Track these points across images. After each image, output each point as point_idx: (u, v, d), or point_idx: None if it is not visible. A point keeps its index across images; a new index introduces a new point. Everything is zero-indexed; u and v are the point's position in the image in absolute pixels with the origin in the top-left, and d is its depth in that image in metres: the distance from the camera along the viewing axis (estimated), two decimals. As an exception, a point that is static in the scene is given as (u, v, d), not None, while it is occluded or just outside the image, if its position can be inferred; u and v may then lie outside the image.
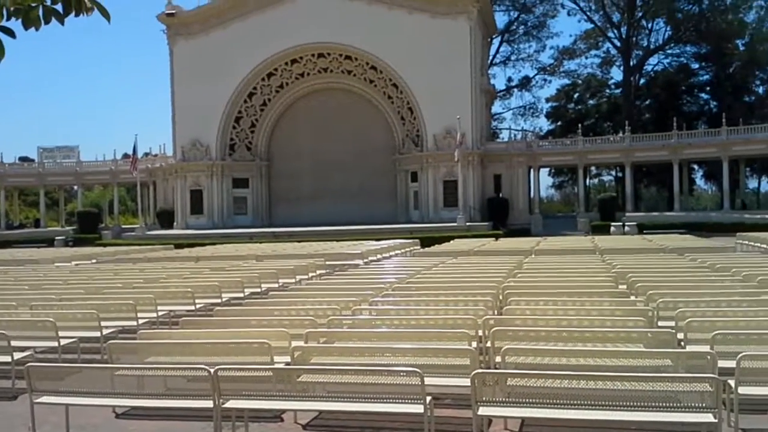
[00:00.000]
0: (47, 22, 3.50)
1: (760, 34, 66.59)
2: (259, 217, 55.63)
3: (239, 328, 8.40)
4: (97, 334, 9.72)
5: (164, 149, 58.58)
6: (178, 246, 34.15)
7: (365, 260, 20.93)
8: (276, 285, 14.77)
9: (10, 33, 3.42)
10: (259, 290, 13.94)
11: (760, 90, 71.90)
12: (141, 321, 10.59)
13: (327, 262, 19.71)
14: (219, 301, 12.38)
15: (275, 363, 6.88)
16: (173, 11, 53.99)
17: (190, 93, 53.19)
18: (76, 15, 3.51)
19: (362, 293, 10.93)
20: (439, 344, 7.19)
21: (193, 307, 11.85)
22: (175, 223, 54.13)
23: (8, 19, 3.44)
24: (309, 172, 55.41)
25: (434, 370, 6.43)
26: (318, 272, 17.54)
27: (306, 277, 16.53)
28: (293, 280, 15.61)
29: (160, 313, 11.25)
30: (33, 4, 3.42)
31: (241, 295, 13.15)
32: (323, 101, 55.42)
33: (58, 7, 3.46)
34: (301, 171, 55.56)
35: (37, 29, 3.50)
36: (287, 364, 6.90)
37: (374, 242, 29.51)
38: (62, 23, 3.52)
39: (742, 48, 68.32)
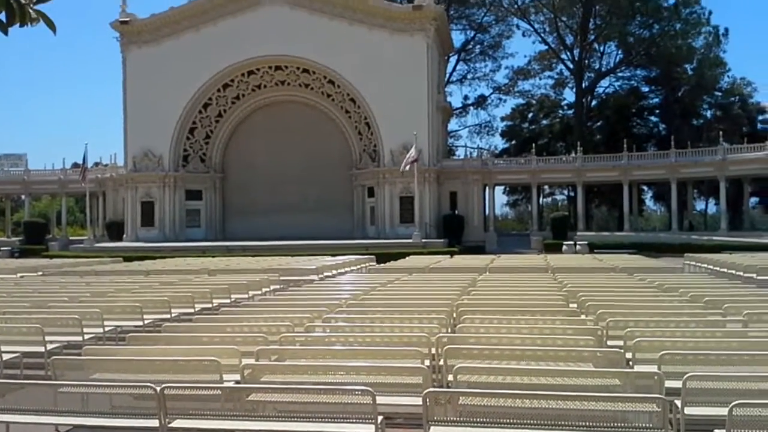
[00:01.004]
0: None
1: (708, 59, 68.94)
2: (213, 231, 54.93)
3: (188, 345, 8.22)
4: (41, 349, 9.41)
5: (115, 159, 57.47)
6: (127, 259, 33.37)
7: (320, 276, 20.78)
8: (228, 300, 14.54)
9: None
10: (210, 306, 13.69)
11: (708, 114, 74.28)
12: (87, 336, 10.29)
13: (281, 278, 19.50)
14: (168, 316, 12.11)
15: (225, 381, 6.74)
16: (127, 19, 53.29)
17: (143, 102, 52.43)
18: (21, 25, 3.40)
19: (316, 309, 10.83)
20: (392, 362, 7.15)
21: (141, 323, 11.57)
22: (124, 236, 53.03)
23: None
24: (265, 186, 55.00)
25: (387, 388, 6.38)
26: (272, 287, 17.35)
27: (259, 292, 16.33)
28: (246, 296, 15.39)
29: (107, 329, 10.94)
30: None
31: (192, 310, 12.89)
32: (280, 114, 55.25)
33: (2, 17, 3.35)
34: (257, 184, 55.11)
35: None
36: (237, 382, 6.77)
37: (329, 258, 29.38)
38: (6, 33, 3.40)
39: (690, 73, 70.53)
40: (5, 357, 8.97)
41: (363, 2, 52.83)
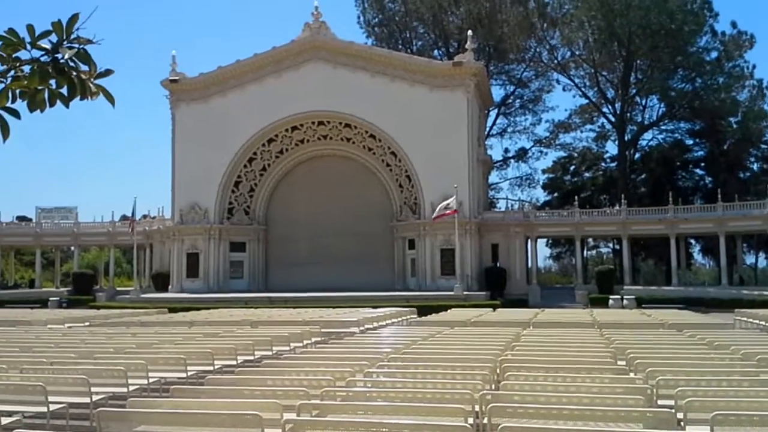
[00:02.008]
0: (52, 105, 3.56)
1: (752, 112, 67.97)
2: (256, 282, 55.39)
3: (230, 398, 8.23)
4: (87, 400, 9.53)
5: (162, 212, 58.87)
6: (172, 310, 33.81)
7: (361, 328, 20.72)
8: (270, 353, 14.57)
9: (16, 114, 3.50)
10: (252, 358, 13.74)
11: (755, 167, 72.89)
12: (132, 387, 10.40)
13: (322, 330, 19.49)
14: (211, 368, 12.19)
15: (266, 436, 6.71)
16: (177, 78, 55.19)
17: (191, 157, 53.86)
18: (81, 99, 3.58)
19: (357, 363, 10.77)
20: (435, 420, 7.03)
21: (184, 375, 11.65)
22: (170, 287, 53.80)
23: (14, 101, 3.49)
24: (306, 238, 55.58)
25: (430, 446, 6.27)
26: (313, 340, 17.33)
27: (301, 344, 16.33)
28: (287, 348, 15.41)
29: (151, 380, 11.05)
30: (39, 87, 3.49)
31: (234, 362, 12.95)
32: (322, 167, 56.15)
33: (63, 90, 3.53)
34: (299, 236, 55.73)
35: (41, 111, 3.56)
36: (279, 437, 6.73)
37: (370, 310, 29.30)
38: (67, 106, 3.58)
39: (735, 125, 69.54)
40: (53, 407, 9.10)
41: (404, 60, 53.98)
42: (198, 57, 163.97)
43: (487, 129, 73.71)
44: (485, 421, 7.27)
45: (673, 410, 7.23)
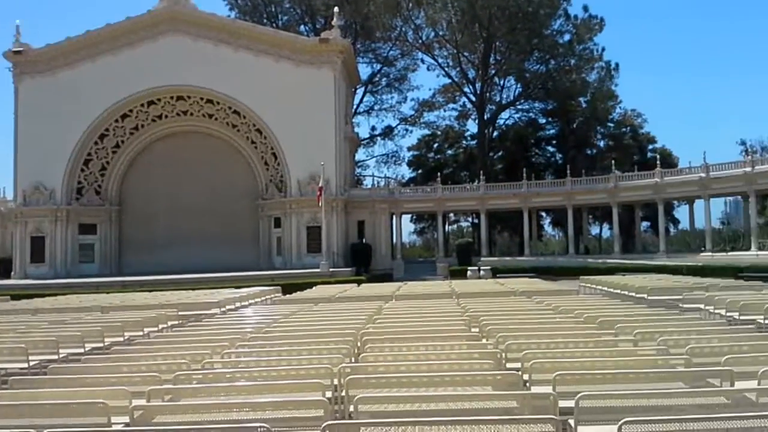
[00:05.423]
0: None
1: (601, 93, 72.70)
2: (108, 266, 52.76)
3: (75, 387, 7.73)
4: None
5: (3, 193, 54.61)
6: (14, 297, 31.34)
7: (222, 309, 20.19)
8: (121, 339, 13.85)
9: None
10: (102, 345, 13.00)
11: (601, 144, 78.11)
12: (-36, 382, 9.52)
13: (180, 313, 18.76)
14: (56, 357, 11.42)
15: (113, 424, 6.36)
16: (20, 49, 51.18)
17: (36, 134, 50.18)
18: None
19: (217, 345, 10.48)
20: (293, 396, 6.96)
21: (26, 365, 10.84)
22: (12, 273, 50.17)
23: None
24: (165, 218, 53.49)
25: (288, 423, 6.21)
26: (169, 323, 16.67)
27: (155, 329, 15.63)
28: (141, 333, 14.72)
29: (-15, 373, 10.16)
30: None
31: (81, 350, 12.20)
32: (182, 144, 54.09)
33: None
34: (156, 216, 53.55)
35: None
36: (127, 425, 6.39)
37: (233, 290, 28.66)
38: None
39: (584, 105, 74.10)
40: None
41: (269, 35, 52.90)
42: (46, 29, 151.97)
43: (354, 107, 74.05)
44: (343, 393, 7.30)
45: (520, 372, 7.59)
